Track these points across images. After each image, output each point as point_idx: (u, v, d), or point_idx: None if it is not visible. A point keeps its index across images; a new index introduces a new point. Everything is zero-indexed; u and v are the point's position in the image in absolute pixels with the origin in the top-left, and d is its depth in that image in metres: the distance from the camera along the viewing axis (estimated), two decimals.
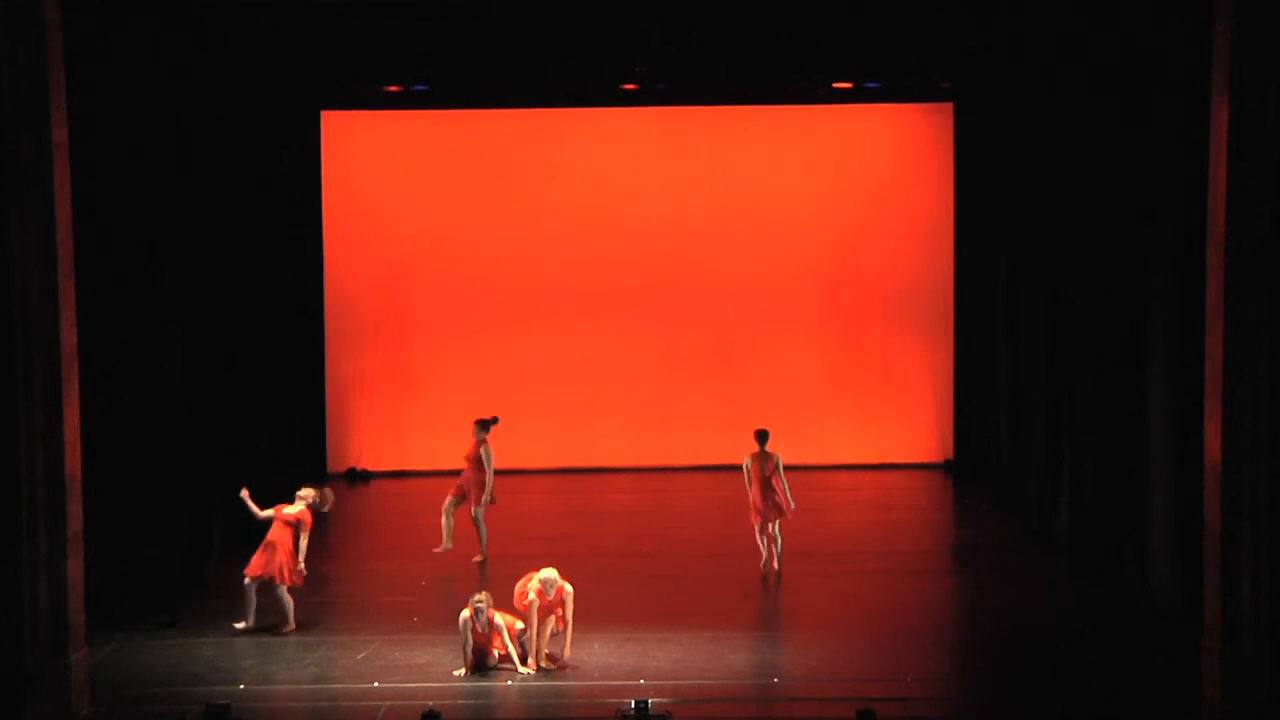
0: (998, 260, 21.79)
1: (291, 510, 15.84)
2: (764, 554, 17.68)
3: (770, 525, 17.70)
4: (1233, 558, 13.04)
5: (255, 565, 15.75)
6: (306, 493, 16.01)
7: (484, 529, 18.25)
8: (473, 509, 18.17)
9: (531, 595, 14.45)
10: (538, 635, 14.47)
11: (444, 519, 18.22)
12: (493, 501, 18.21)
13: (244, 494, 15.86)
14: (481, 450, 18.17)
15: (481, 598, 14.38)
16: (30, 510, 13.09)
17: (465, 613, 14.31)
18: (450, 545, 18.21)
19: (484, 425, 18.27)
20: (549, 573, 14.52)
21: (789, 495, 17.67)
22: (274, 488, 16.32)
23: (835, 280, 23.43)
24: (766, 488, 17.63)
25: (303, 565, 15.74)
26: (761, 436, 17.82)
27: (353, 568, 18.49)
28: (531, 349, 23.36)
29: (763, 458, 17.71)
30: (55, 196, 13.11)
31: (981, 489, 21.78)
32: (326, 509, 16.25)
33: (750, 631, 15.44)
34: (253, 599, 15.69)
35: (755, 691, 13.96)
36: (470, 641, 14.26)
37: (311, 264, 23.02)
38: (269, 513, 15.86)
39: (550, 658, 14.52)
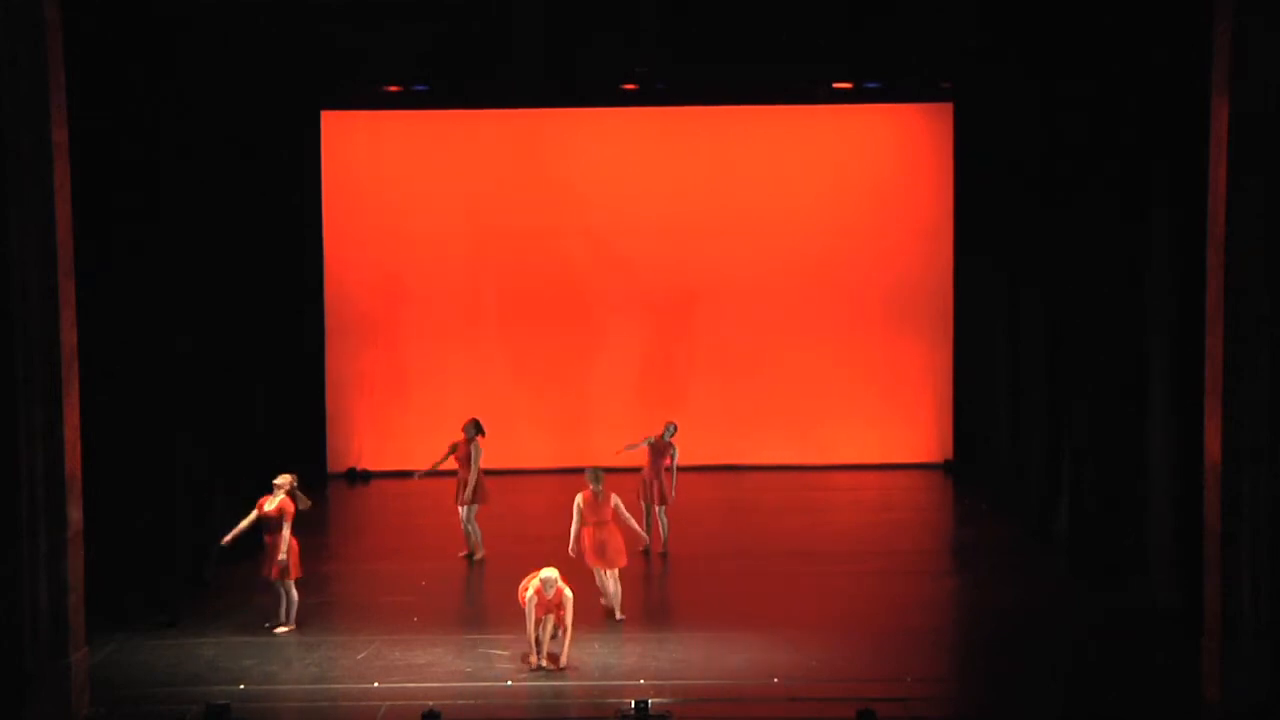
0: (998, 260, 21.79)
1: (272, 505, 15.80)
2: (645, 536, 18.22)
3: (655, 509, 18.38)
4: (1233, 558, 13.03)
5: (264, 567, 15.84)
6: (284, 480, 15.91)
7: (477, 529, 18.27)
8: (462, 510, 18.18)
9: (530, 592, 14.47)
10: (536, 632, 14.46)
11: (464, 528, 18.31)
12: (478, 501, 18.22)
13: (226, 541, 15.97)
14: (471, 449, 18.20)
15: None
16: (30, 510, 13.09)
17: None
18: (479, 553, 18.27)
19: (476, 426, 18.31)
20: (550, 572, 14.53)
21: (674, 485, 18.55)
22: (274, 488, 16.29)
23: (835, 280, 23.44)
24: (656, 472, 18.38)
25: (283, 555, 15.64)
26: (670, 427, 18.59)
27: (353, 568, 18.49)
28: (532, 349, 23.38)
29: (664, 446, 18.44)
30: (55, 196, 13.11)
31: (981, 489, 21.79)
32: (304, 506, 16.10)
33: (750, 631, 15.43)
34: (281, 596, 15.73)
35: (755, 691, 13.96)
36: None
37: (311, 264, 23.05)
38: (253, 515, 15.83)
39: (550, 657, 14.52)
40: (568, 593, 14.52)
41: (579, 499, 16.21)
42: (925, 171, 23.32)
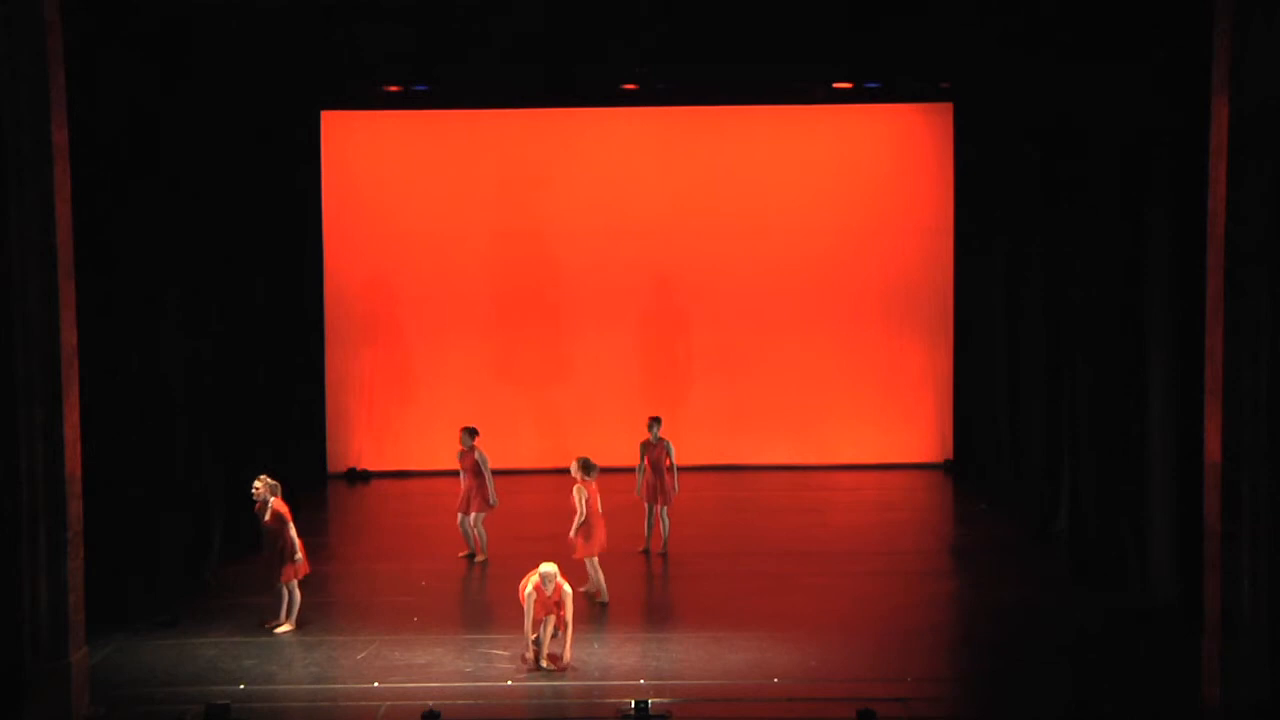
0: (998, 260, 21.80)
1: (267, 514, 15.75)
2: (647, 535, 18.42)
3: (657, 508, 18.38)
4: (1233, 557, 13.02)
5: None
6: (260, 489, 15.80)
7: (483, 532, 18.29)
8: (472, 515, 18.20)
9: (529, 588, 14.48)
10: (537, 632, 14.47)
11: (462, 530, 18.33)
12: (494, 505, 18.26)
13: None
14: (477, 456, 18.18)
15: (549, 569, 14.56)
16: (30, 510, 13.09)
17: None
18: (481, 555, 18.26)
19: (471, 433, 18.26)
20: (548, 567, 14.55)
21: (675, 481, 18.48)
22: None
23: (835, 280, 23.44)
24: (656, 472, 18.32)
25: (300, 554, 15.69)
26: (653, 423, 18.47)
27: (353, 568, 18.49)
28: (531, 349, 23.38)
29: (654, 444, 18.40)
30: (55, 196, 13.11)
31: (981, 489, 21.79)
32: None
33: (750, 631, 15.44)
34: (284, 596, 15.72)
35: (755, 691, 13.96)
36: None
37: (311, 264, 23.05)
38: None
39: (551, 658, 14.52)
40: (567, 588, 14.54)
41: (585, 493, 16.36)
42: (925, 171, 23.32)
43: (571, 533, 16.44)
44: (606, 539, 16.69)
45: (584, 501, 16.42)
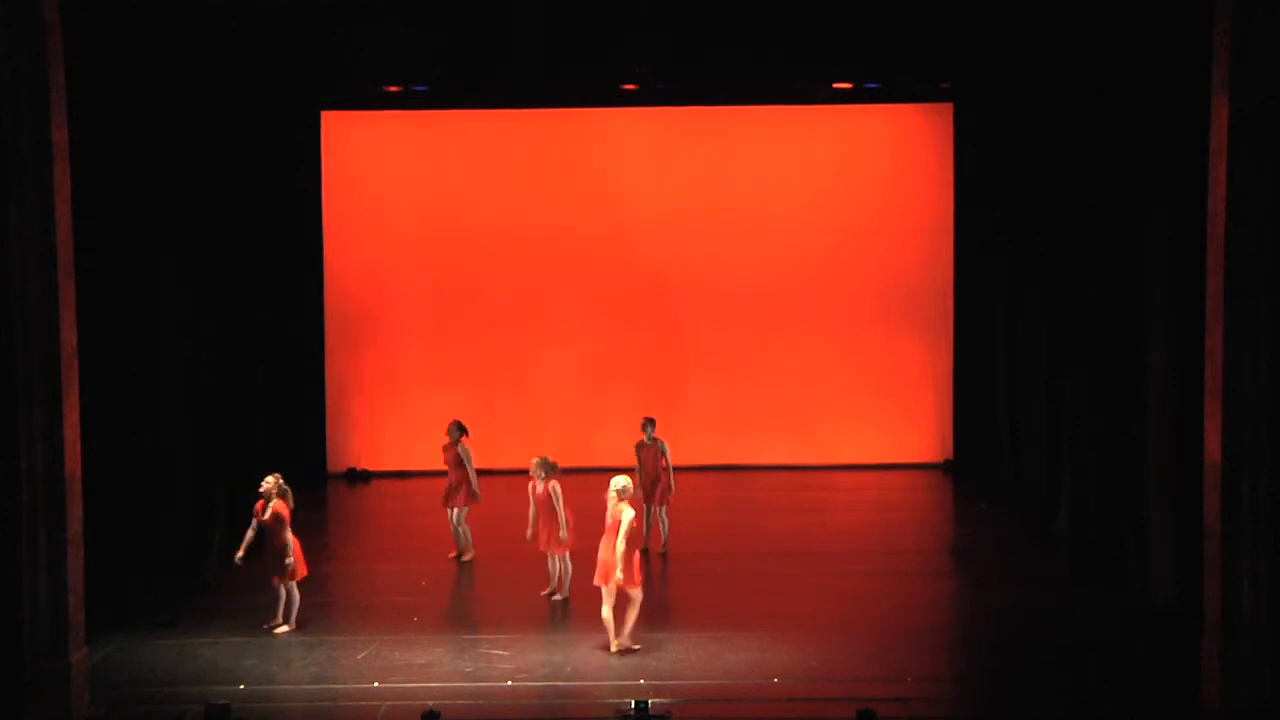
0: (998, 260, 21.81)
1: (267, 512, 15.70)
2: (645, 535, 18.19)
3: (654, 508, 18.30)
4: (1232, 557, 13.02)
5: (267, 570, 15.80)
6: (269, 483, 15.72)
7: (467, 530, 18.22)
8: (454, 511, 18.15)
9: (629, 514, 14.46)
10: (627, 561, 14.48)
11: (453, 530, 18.29)
12: (478, 499, 18.18)
13: (239, 558, 15.83)
14: (460, 450, 18.14)
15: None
16: (30, 510, 13.09)
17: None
18: (468, 554, 18.23)
19: (460, 428, 18.22)
20: (624, 480, 14.63)
21: (672, 481, 18.25)
22: None
23: (835, 280, 23.45)
24: (652, 472, 18.23)
25: (289, 559, 15.62)
26: (647, 424, 18.31)
27: (353, 568, 18.48)
28: (531, 349, 23.39)
29: (649, 445, 18.26)
30: (55, 196, 13.11)
31: (981, 489, 21.79)
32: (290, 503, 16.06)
33: (750, 631, 15.43)
34: (281, 596, 15.71)
35: (755, 691, 13.96)
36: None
37: (311, 264, 23.05)
38: (254, 524, 15.74)
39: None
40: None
41: (560, 489, 16.51)
42: (925, 171, 23.33)
43: (563, 533, 16.38)
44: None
45: (562, 500, 16.41)
